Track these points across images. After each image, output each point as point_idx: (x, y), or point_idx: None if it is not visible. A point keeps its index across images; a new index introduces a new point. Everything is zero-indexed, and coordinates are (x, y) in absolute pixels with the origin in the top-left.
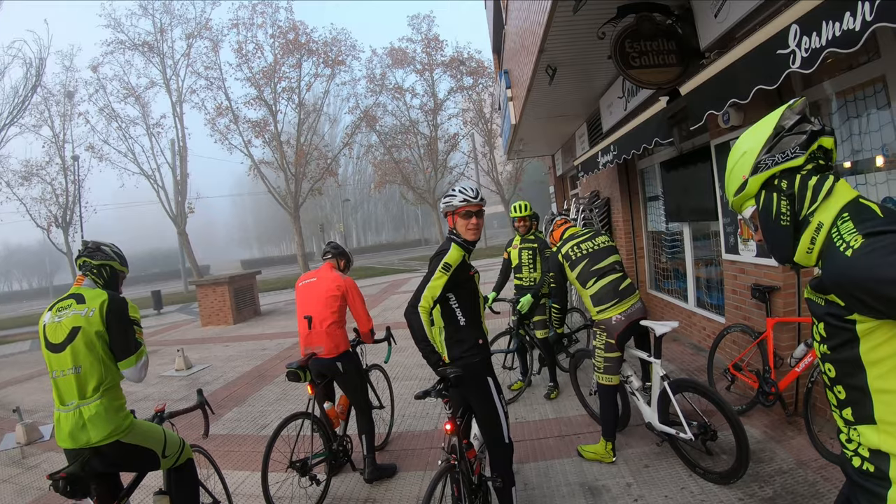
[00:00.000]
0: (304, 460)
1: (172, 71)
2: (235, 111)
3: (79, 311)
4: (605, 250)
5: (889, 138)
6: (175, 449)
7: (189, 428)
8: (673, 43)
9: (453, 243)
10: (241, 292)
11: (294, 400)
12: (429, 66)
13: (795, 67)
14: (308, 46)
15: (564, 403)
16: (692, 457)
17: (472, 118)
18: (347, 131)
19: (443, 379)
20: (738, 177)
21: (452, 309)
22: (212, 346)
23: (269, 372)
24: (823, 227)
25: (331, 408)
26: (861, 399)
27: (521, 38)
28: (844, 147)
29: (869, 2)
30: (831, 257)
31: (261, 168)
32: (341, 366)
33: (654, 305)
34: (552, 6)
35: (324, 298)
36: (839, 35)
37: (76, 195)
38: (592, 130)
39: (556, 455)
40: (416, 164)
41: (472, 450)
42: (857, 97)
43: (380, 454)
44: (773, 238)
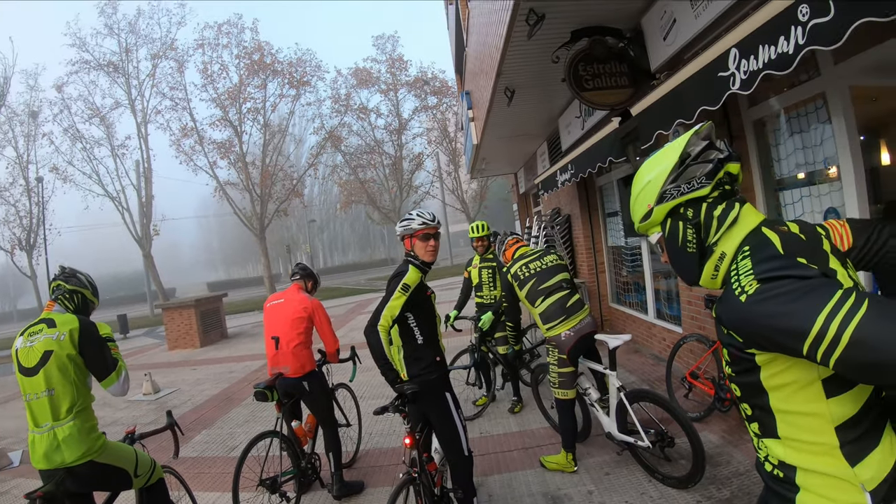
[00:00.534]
0: (274, 478)
1: (137, 91)
2: (200, 132)
3: (50, 336)
4: (553, 269)
5: (830, 152)
6: (146, 468)
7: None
8: (625, 65)
9: (411, 265)
10: (207, 315)
11: (262, 421)
12: (393, 86)
13: (735, 89)
14: (273, 67)
15: (528, 417)
16: (651, 463)
17: (436, 137)
18: (313, 152)
19: (400, 395)
20: (644, 205)
21: (411, 328)
22: (179, 370)
23: (236, 395)
24: (726, 257)
25: (298, 426)
26: (765, 417)
27: (480, 62)
28: (790, 161)
29: (801, 27)
30: (727, 299)
31: (226, 189)
32: (307, 385)
33: (616, 318)
34: (507, 31)
35: (290, 320)
36: (775, 58)
37: (40, 217)
38: (552, 149)
39: (520, 467)
40: (381, 184)
41: (432, 463)
42: (799, 113)
43: (348, 471)
44: (680, 263)
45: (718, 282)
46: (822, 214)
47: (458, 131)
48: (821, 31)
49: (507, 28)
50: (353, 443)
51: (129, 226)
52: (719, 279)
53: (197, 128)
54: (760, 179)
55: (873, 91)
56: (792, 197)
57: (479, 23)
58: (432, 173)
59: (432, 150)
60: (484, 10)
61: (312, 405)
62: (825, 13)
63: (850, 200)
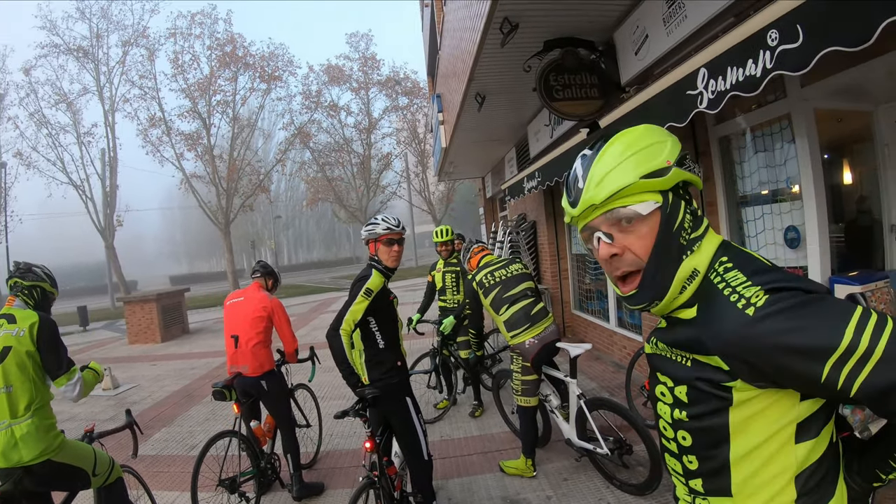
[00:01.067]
0: (233, 478)
1: (106, 78)
2: (168, 123)
3: (9, 331)
4: (518, 277)
5: (793, 171)
6: (105, 468)
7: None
8: (595, 77)
9: (374, 269)
10: (169, 310)
11: (222, 420)
12: (365, 85)
13: (702, 107)
14: (245, 60)
15: (488, 421)
16: (609, 470)
17: (405, 138)
18: (281, 147)
19: (361, 399)
20: (657, 158)
21: (372, 332)
22: (139, 365)
23: (197, 392)
24: (698, 275)
25: (257, 426)
26: (717, 471)
27: (453, 66)
28: (753, 178)
29: (770, 51)
30: (721, 316)
31: (192, 182)
32: (265, 384)
33: (578, 325)
34: (481, 38)
35: (250, 319)
36: (742, 80)
37: (1, 203)
38: (521, 155)
39: (480, 471)
40: (348, 183)
41: (392, 466)
42: (764, 132)
43: (308, 472)
44: (664, 257)
45: (678, 301)
46: (782, 232)
47: (427, 133)
48: (789, 57)
49: (480, 35)
50: (314, 443)
51: (92, 215)
52: (681, 299)
53: (165, 118)
54: (724, 195)
55: (839, 112)
56: (754, 213)
57: (453, 27)
58: (400, 174)
59: (401, 151)
60: (459, 16)
61: (270, 405)
62: (794, 39)
63: (810, 219)
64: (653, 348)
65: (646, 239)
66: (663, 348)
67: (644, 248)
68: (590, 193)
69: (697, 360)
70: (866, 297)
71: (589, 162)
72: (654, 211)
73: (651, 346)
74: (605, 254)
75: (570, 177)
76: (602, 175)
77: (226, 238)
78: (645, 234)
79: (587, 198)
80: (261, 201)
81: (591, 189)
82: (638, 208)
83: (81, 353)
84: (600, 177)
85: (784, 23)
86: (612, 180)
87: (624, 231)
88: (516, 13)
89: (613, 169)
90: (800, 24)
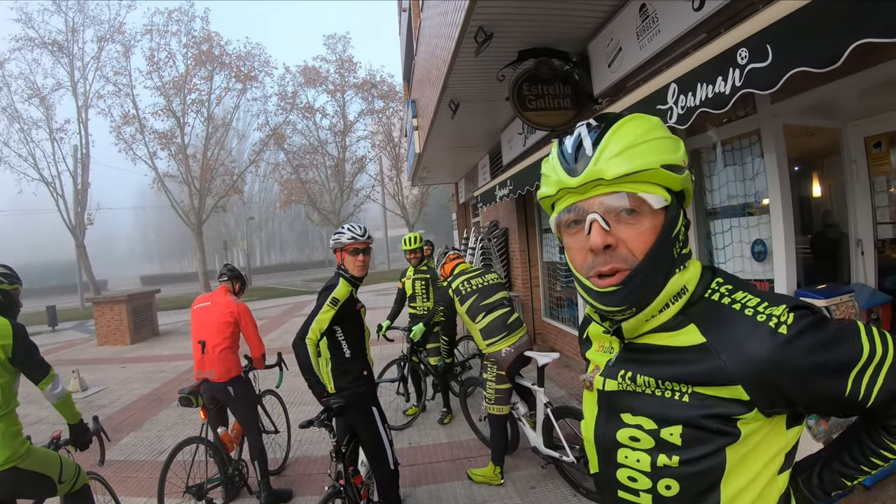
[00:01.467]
0: (200, 485)
1: (81, 74)
2: (142, 120)
3: None
4: (494, 286)
5: (761, 186)
6: (71, 475)
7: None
8: (569, 88)
9: (341, 278)
10: (139, 311)
11: (192, 424)
12: (341, 87)
13: (672, 122)
14: (221, 59)
15: (457, 428)
16: (576, 478)
17: (380, 141)
18: (255, 148)
19: (326, 409)
20: (677, 153)
21: (339, 341)
22: (108, 368)
23: (166, 395)
24: (686, 293)
25: (224, 432)
26: None
27: (428, 72)
28: (722, 191)
29: (739, 69)
30: (753, 335)
31: (165, 181)
32: (232, 390)
33: (549, 332)
34: (456, 46)
35: (216, 324)
36: (712, 96)
37: None
38: (494, 162)
39: (448, 478)
40: (322, 185)
41: (358, 475)
42: (734, 147)
43: (276, 479)
44: (660, 261)
45: (654, 322)
46: (749, 245)
47: (402, 137)
48: (758, 75)
49: (455, 43)
50: (282, 449)
51: (63, 213)
52: (659, 319)
53: (139, 116)
54: (693, 208)
55: (809, 129)
56: (722, 226)
57: (429, 33)
58: (374, 177)
59: (376, 154)
60: (435, 23)
61: (237, 411)
62: (763, 58)
63: (776, 233)
64: (617, 384)
65: (646, 237)
66: (642, 383)
67: (643, 245)
68: (601, 164)
69: (701, 394)
70: (831, 310)
71: (601, 131)
72: (661, 208)
73: (608, 383)
74: (598, 242)
75: (568, 143)
76: (621, 148)
77: (198, 238)
78: (646, 231)
79: (596, 169)
80: (234, 202)
81: (603, 160)
82: (650, 199)
83: (50, 355)
84: (619, 149)
85: (754, 42)
86: (634, 157)
87: (623, 223)
88: (491, 23)
89: (636, 146)
90: (769, 44)
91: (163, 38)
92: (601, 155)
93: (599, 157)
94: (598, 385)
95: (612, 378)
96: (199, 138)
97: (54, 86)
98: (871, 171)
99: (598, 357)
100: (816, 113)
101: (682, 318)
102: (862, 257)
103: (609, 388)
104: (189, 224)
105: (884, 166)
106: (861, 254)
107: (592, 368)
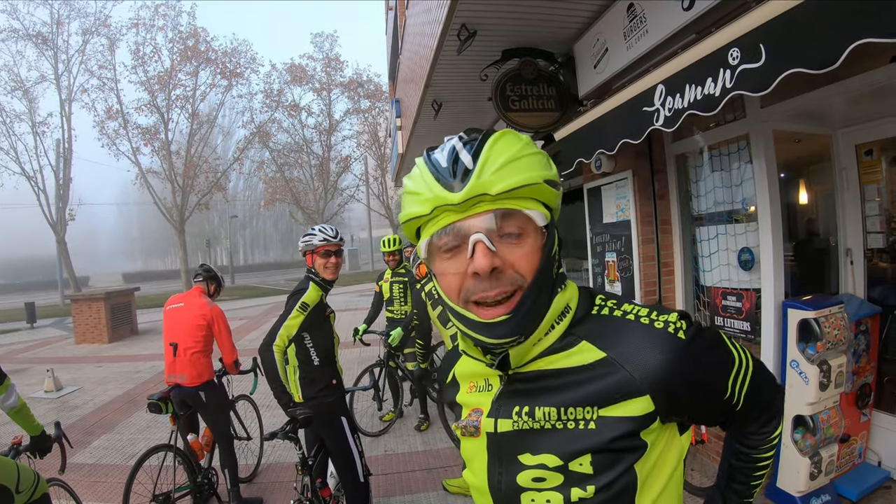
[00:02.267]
0: (168, 494)
1: (65, 67)
2: (126, 115)
3: None
4: None
5: (749, 192)
6: (29, 483)
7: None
8: (553, 89)
9: (312, 282)
10: (118, 309)
11: (165, 428)
12: (327, 86)
13: (658, 125)
14: (207, 55)
15: (434, 436)
16: None
17: (366, 141)
18: (240, 146)
19: (292, 419)
20: (552, 169)
21: (307, 348)
22: (84, 367)
23: (140, 396)
24: (570, 312)
25: (195, 440)
26: None
27: (412, 71)
28: (709, 197)
29: (730, 70)
30: (654, 343)
31: (148, 177)
32: (204, 395)
33: None
34: (438, 44)
35: (189, 326)
36: (700, 98)
37: None
38: None
39: (422, 488)
40: (306, 184)
41: (326, 488)
42: (722, 152)
43: (247, 486)
44: (545, 282)
45: (540, 346)
46: (736, 253)
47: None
48: (749, 77)
49: (437, 41)
50: (255, 456)
51: (45, 208)
52: (545, 342)
53: (123, 111)
54: (678, 214)
55: (798, 134)
56: (708, 233)
57: (413, 32)
58: (359, 177)
59: (361, 154)
60: (419, 20)
61: (208, 417)
62: (756, 59)
63: (764, 242)
64: (513, 423)
65: (533, 256)
66: (542, 417)
67: (530, 266)
68: (485, 178)
69: (606, 418)
70: (820, 322)
71: (477, 144)
72: (543, 228)
73: (501, 423)
74: (484, 265)
75: (441, 157)
76: (504, 161)
77: (180, 236)
78: (532, 251)
79: (480, 183)
80: (217, 200)
81: (486, 173)
82: (535, 216)
83: (27, 352)
84: (502, 163)
85: (746, 41)
86: (517, 171)
87: (507, 243)
88: (474, 20)
89: (518, 159)
90: (763, 44)
91: (149, 32)
92: (483, 168)
93: (482, 170)
94: (488, 428)
95: (506, 417)
96: (182, 135)
97: (38, 78)
98: (862, 179)
99: (475, 398)
100: (806, 118)
101: (571, 338)
102: (851, 267)
103: (503, 429)
104: (172, 221)
105: (875, 174)
106: (850, 263)
107: (469, 412)
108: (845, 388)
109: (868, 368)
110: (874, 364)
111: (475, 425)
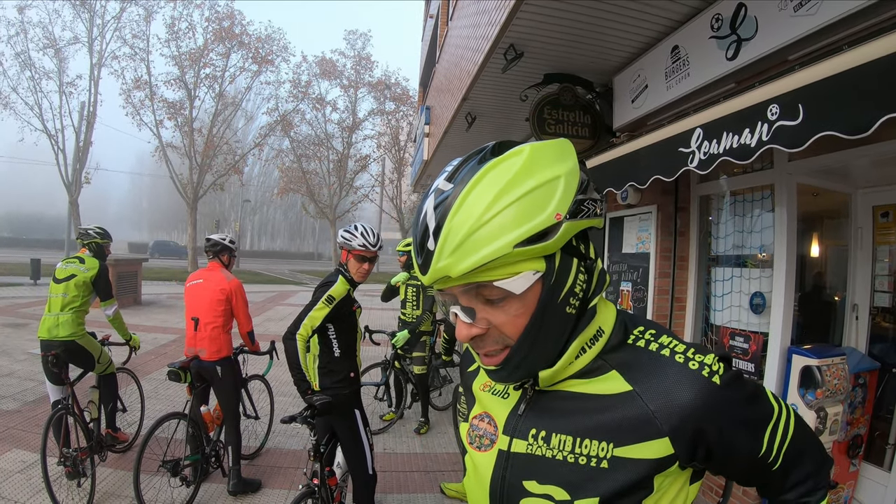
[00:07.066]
0: (177, 461)
1: (99, 31)
2: (153, 87)
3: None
4: None
5: (768, 240)
6: (106, 361)
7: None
8: (589, 117)
9: (341, 276)
10: (124, 278)
11: (164, 400)
12: (355, 84)
13: (692, 167)
14: (241, 38)
15: (433, 440)
16: None
17: (386, 143)
18: (261, 132)
19: (310, 406)
20: (543, 212)
21: (330, 339)
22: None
23: (141, 368)
24: (603, 335)
25: (206, 412)
26: None
27: (449, 81)
28: (728, 240)
29: (768, 124)
30: (684, 381)
31: (167, 151)
32: (220, 370)
33: None
34: (484, 60)
35: (209, 301)
36: (736, 147)
37: None
38: None
39: (420, 489)
40: (322, 178)
41: (333, 478)
42: (745, 198)
43: (248, 467)
44: (542, 334)
45: (571, 369)
46: (748, 296)
47: (408, 142)
48: (786, 133)
49: (484, 56)
50: (259, 437)
51: (61, 168)
52: (576, 365)
53: (151, 82)
54: (696, 252)
55: (819, 189)
56: (723, 274)
57: (455, 44)
58: (375, 177)
59: (380, 155)
60: (463, 34)
61: (220, 392)
62: (794, 117)
63: (777, 289)
64: (527, 445)
65: (519, 319)
66: (556, 444)
67: (515, 329)
68: (444, 262)
69: (621, 459)
70: (822, 370)
71: (446, 207)
72: (533, 284)
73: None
74: (464, 336)
75: (418, 223)
76: (462, 237)
77: (192, 213)
78: (519, 313)
79: (440, 267)
80: (232, 182)
81: (445, 255)
82: (510, 286)
83: (28, 308)
84: (459, 239)
85: (787, 99)
86: (478, 245)
87: (490, 308)
88: (523, 41)
89: (480, 228)
90: (801, 104)
91: (186, 8)
92: (443, 247)
93: (442, 249)
94: (502, 445)
95: (522, 438)
96: (207, 113)
97: (71, 39)
98: (876, 239)
99: (489, 401)
100: (830, 176)
101: (601, 363)
102: (856, 322)
103: (516, 449)
104: (185, 197)
105: (889, 236)
106: (856, 318)
107: (480, 413)
108: (839, 437)
109: (862, 420)
110: (868, 417)
111: (492, 438)
